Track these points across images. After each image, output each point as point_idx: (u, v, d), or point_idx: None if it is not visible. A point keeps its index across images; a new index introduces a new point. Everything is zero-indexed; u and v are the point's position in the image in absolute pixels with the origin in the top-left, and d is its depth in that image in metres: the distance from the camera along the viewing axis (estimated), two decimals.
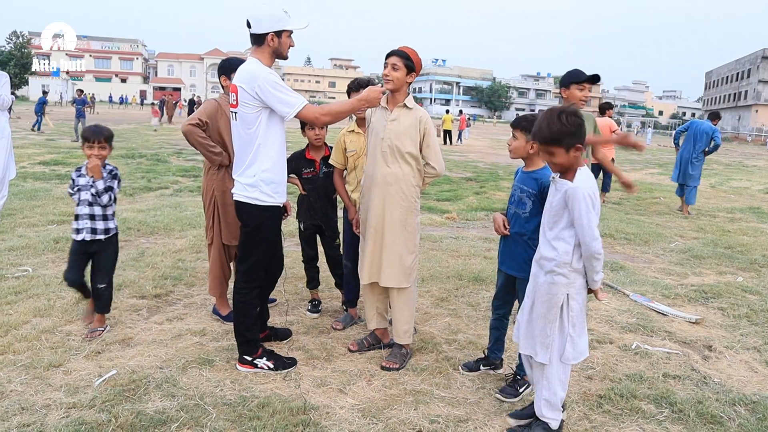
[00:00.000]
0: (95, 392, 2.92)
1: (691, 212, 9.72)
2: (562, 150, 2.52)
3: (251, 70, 3.03)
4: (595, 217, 2.51)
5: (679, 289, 5.24)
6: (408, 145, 3.30)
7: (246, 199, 3.12)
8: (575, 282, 2.62)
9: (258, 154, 3.08)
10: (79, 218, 3.55)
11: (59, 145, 15.71)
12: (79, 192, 3.56)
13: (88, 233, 3.55)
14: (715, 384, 3.42)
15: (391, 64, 3.28)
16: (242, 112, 3.06)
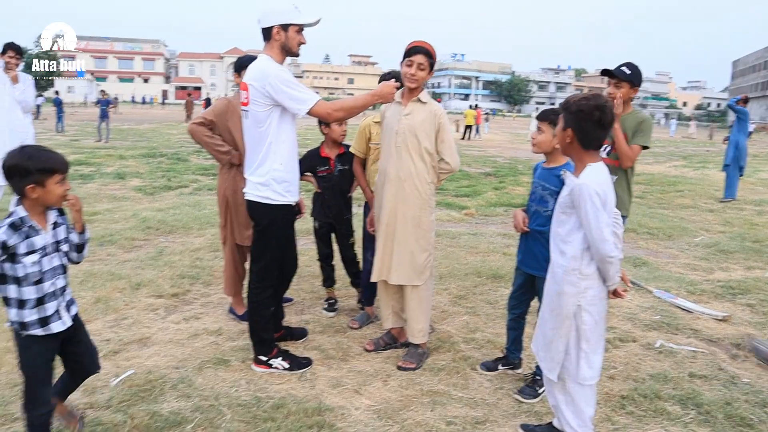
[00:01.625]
0: (112, 392, 2.93)
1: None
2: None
3: (262, 68, 2.99)
4: (604, 216, 2.25)
5: (705, 285, 5.09)
6: (423, 140, 3.24)
7: (257, 198, 3.10)
8: (587, 291, 2.34)
9: (269, 153, 3.04)
10: (46, 300, 2.21)
11: (83, 146, 15.96)
12: (40, 260, 2.17)
13: (66, 316, 2.30)
14: (744, 384, 3.30)
15: (417, 64, 3.19)
16: (253, 110, 3.02)
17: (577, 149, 2.36)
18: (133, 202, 8.04)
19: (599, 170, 2.33)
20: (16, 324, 2.21)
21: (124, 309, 4.05)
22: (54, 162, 2.15)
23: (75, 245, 2.35)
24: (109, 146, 16.10)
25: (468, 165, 14.53)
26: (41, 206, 2.18)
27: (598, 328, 2.39)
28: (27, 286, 2.17)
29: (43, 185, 2.12)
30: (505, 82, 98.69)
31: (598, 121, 2.28)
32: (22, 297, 2.17)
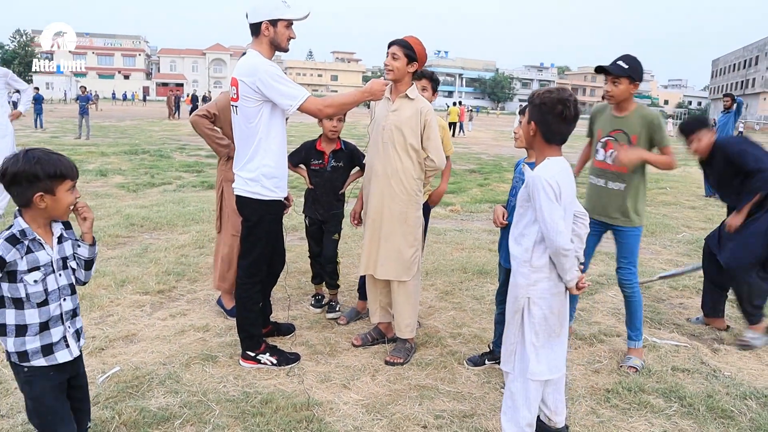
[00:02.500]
0: (99, 389, 2.90)
1: None
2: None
3: (251, 63, 2.98)
4: (558, 208, 2.21)
5: (687, 281, 5.17)
6: (409, 137, 3.25)
7: (247, 193, 3.09)
8: (537, 284, 2.31)
9: (259, 149, 3.04)
10: (51, 325, 1.95)
11: (63, 143, 15.73)
12: (45, 279, 1.91)
13: (74, 345, 2.04)
14: (726, 377, 3.37)
15: (391, 54, 3.25)
16: (243, 105, 3.01)
17: (539, 142, 2.35)
18: (116, 199, 7.95)
19: (556, 163, 2.31)
20: (14, 355, 1.91)
21: (110, 306, 4.01)
22: (65, 167, 1.91)
23: (84, 261, 2.07)
24: (90, 143, 15.89)
25: (453, 162, 14.57)
26: (46, 218, 1.93)
27: (549, 324, 2.33)
28: (29, 308, 1.89)
29: (53, 193, 1.88)
30: (489, 80, 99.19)
31: (560, 115, 2.26)
32: (24, 321, 1.89)
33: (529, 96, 2.45)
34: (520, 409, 2.38)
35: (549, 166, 2.29)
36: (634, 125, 3.32)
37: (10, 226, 1.90)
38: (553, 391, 2.53)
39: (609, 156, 3.41)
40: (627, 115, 3.36)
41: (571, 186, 2.33)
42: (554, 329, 2.35)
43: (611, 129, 3.41)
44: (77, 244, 2.07)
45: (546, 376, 2.37)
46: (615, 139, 3.38)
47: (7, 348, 1.91)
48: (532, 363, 2.33)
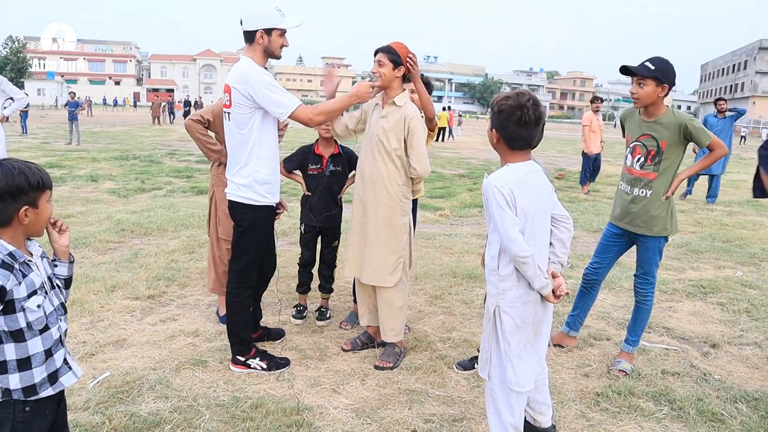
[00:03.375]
0: (89, 394, 2.89)
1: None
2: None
3: (244, 71, 2.99)
4: (510, 216, 2.16)
5: (676, 284, 5.21)
6: (393, 143, 3.26)
7: (239, 198, 3.09)
8: (506, 293, 2.26)
9: (252, 155, 3.05)
10: (54, 350, 1.80)
11: (54, 148, 15.64)
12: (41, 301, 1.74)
13: (76, 365, 1.91)
14: (716, 381, 3.38)
15: (377, 62, 3.28)
16: (236, 112, 3.03)
17: (503, 148, 2.30)
18: (106, 205, 7.91)
19: (514, 169, 2.25)
20: (18, 392, 1.70)
21: (100, 311, 3.99)
22: (44, 175, 1.73)
23: (64, 280, 1.90)
24: (81, 149, 15.80)
25: (442, 167, 14.64)
26: (25, 235, 1.74)
27: (522, 333, 2.28)
28: (32, 338, 1.71)
29: (36, 206, 1.71)
30: (478, 85, 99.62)
31: (519, 120, 2.20)
32: (27, 354, 1.71)
33: (490, 103, 2.42)
34: (504, 415, 2.35)
35: (504, 173, 2.24)
36: (663, 130, 3.19)
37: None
38: (534, 393, 2.50)
39: (636, 162, 3.31)
40: (656, 119, 3.22)
41: (532, 191, 2.25)
42: (529, 339, 2.29)
43: (639, 134, 3.31)
44: (54, 263, 1.89)
45: (525, 387, 2.31)
46: (643, 144, 3.28)
47: (9, 386, 1.70)
48: (509, 373, 2.28)
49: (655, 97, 3.17)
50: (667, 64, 3.15)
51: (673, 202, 3.35)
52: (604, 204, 9.60)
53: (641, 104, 3.24)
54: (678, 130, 3.17)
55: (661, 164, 3.25)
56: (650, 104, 3.21)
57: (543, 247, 2.33)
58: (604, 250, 3.61)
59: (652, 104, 3.21)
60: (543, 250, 2.33)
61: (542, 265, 2.28)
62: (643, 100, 3.19)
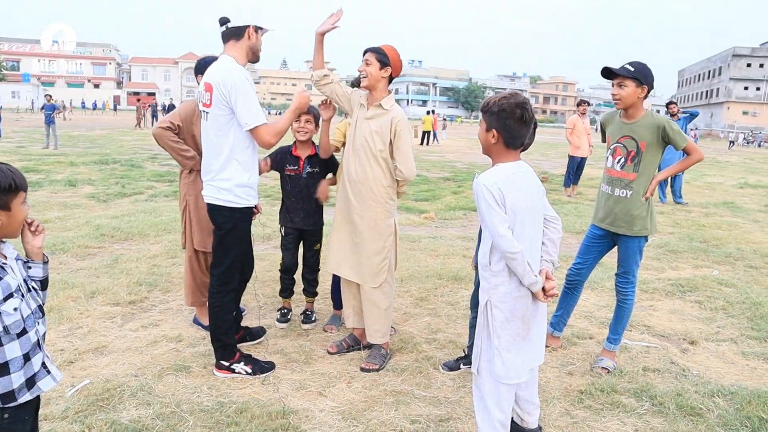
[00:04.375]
0: (68, 403, 2.83)
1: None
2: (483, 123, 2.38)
3: (228, 69, 2.94)
4: (498, 214, 2.21)
5: (656, 284, 5.29)
6: (378, 145, 3.27)
7: (219, 201, 3.06)
8: (497, 288, 2.32)
9: (231, 158, 3.01)
10: (32, 354, 1.76)
11: (30, 153, 15.36)
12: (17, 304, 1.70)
13: (55, 369, 1.87)
14: (694, 376, 3.45)
15: (365, 60, 3.29)
16: (215, 113, 2.97)
17: (500, 149, 2.33)
18: (85, 210, 7.79)
19: (503, 169, 2.31)
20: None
21: (79, 318, 3.92)
22: (17, 177, 1.69)
23: (40, 281, 1.87)
24: (58, 153, 15.54)
25: (427, 170, 14.69)
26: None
27: (511, 327, 2.32)
28: (9, 342, 1.67)
29: (9, 209, 1.67)
30: (462, 89, 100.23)
31: (521, 118, 2.27)
32: (5, 358, 1.67)
33: (482, 105, 2.42)
34: (491, 410, 2.38)
35: (495, 172, 2.30)
36: (642, 132, 3.28)
37: None
38: (524, 391, 2.54)
39: (617, 162, 3.39)
40: (636, 121, 3.31)
41: (521, 190, 2.29)
42: (519, 332, 2.33)
43: (620, 135, 3.39)
44: (27, 265, 1.84)
45: (514, 380, 2.35)
46: (624, 145, 3.36)
47: None
48: (497, 366, 2.32)
49: (636, 98, 3.26)
50: (646, 67, 3.25)
51: (653, 204, 3.42)
52: (586, 206, 9.71)
53: (623, 105, 3.31)
54: (656, 131, 3.25)
55: (640, 165, 3.32)
56: (631, 106, 3.29)
57: (534, 245, 2.36)
58: (586, 251, 3.66)
59: (632, 106, 3.30)
60: (534, 248, 2.36)
61: (533, 262, 2.32)
62: (625, 101, 3.27)
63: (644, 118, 3.30)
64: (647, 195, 3.33)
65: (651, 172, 3.35)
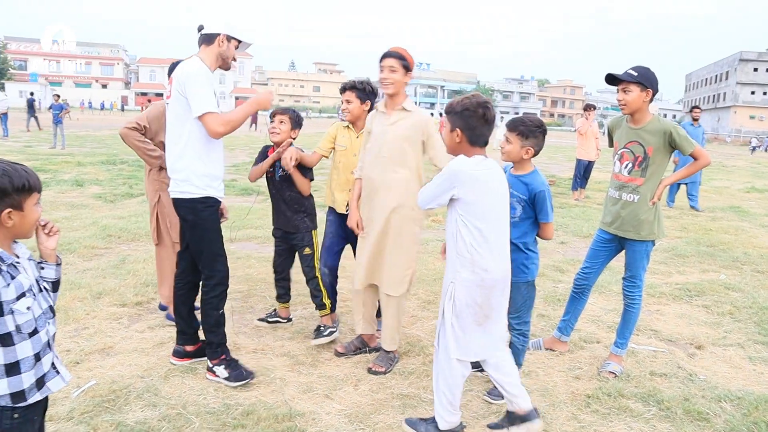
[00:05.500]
0: (73, 404, 2.84)
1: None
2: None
3: (188, 65, 3.04)
4: (443, 187, 2.46)
5: (663, 288, 5.27)
6: (408, 150, 3.21)
7: (179, 194, 3.09)
8: (460, 272, 2.49)
9: (187, 148, 3.04)
10: (42, 354, 1.77)
11: (37, 152, 15.46)
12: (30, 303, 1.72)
13: (65, 369, 1.88)
14: (701, 381, 3.43)
15: (388, 67, 3.22)
16: (173, 104, 3.06)
17: (465, 147, 2.50)
18: (92, 210, 7.82)
19: (476, 161, 2.49)
20: (5, 398, 1.67)
21: (85, 318, 3.93)
22: (32, 178, 1.72)
23: (52, 283, 1.88)
24: (65, 152, 15.63)
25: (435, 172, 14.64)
26: (10, 238, 1.72)
27: (470, 311, 2.50)
28: (21, 341, 1.68)
29: (21, 209, 1.69)
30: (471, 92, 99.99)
31: (483, 117, 2.45)
32: (15, 358, 1.67)
33: (446, 107, 2.59)
34: (440, 384, 2.60)
35: (462, 160, 2.47)
36: (649, 137, 3.28)
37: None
38: (501, 373, 2.64)
39: (624, 168, 3.38)
40: (643, 126, 3.31)
41: (498, 182, 2.52)
42: (476, 318, 2.51)
43: (627, 140, 3.38)
44: (40, 266, 1.86)
45: (464, 358, 2.56)
46: (631, 151, 3.35)
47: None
48: (450, 343, 2.52)
49: (641, 103, 3.27)
50: (649, 71, 3.27)
51: (660, 208, 3.41)
52: (594, 210, 9.68)
53: (629, 110, 3.31)
54: (663, 136, 3.26)
55: (647, 170, 3.32)
56: (637, 110, 3.30)
57: (500, 236, 2.55)
58: (594, 256, 3.64)
59: (639, 111, 3.31)
60: (500, 239, 2.55)
61: (498, 254, 2.52)
62: (630, 106, 3.28)
63: (651, 123, 3.30)
64: (654, 200, 3.32)
65: (658, 177, 3.35)
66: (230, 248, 5.61)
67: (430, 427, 2.69)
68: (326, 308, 3.81)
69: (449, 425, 2.66)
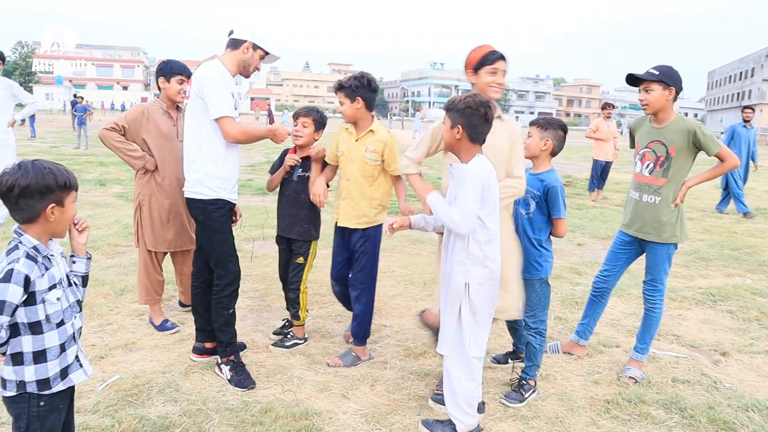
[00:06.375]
0: (99, 397, 2.90)
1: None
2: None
3: (208, 67, 3.08)
4: (476, 203, 2.45)
5: (686, 292, 5.18)
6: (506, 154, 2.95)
7: (192, 194, 3.13)
8: (473, 271, 2.53)
9: (202, 150, 3.08)
10: (67, 345, 1.86)
11: (62, 153, 15.76)
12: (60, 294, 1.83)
13: (87, 363, 1.98)
14: (726, 389, 3.36)
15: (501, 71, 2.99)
16: (191, 104, 3.11)
17: (465, 144, 2.54)
18: (114, 209, 7.95)
19: (484, 160, 2.54)
20: (32, 384, 1.77)
21: (109, 314, 4.01)
22: (72, 177, 1.83)
23: (82, 277, 1.99)
24: (89, 153, 15.91)
25: None
26: (49, 233, 1.83)
27: (484, 306, 2.57)
28: (49, 330, 1.78)
29: (63, 204, 1.80)
30: None
31: (485, 116, 2.50)
32: (43, 346, 1.78)
33: (446, 104, 2.62)
34: (457, 389, 2.61)
35: (480, 164, 2.51)
36: (672, 137, 3.21)
37: (15, 246, 1.76)
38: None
39: (645, 168, 3.33)
40: (666, 125, 3.25)
41: (494, 181, 2.55)
42: (490, 311, 2.62)
43: (649, 140, 3.33)
44: (72, 260, 1.97)
45: (483, 355, 2.63)
46: (653, 150, 3.30)
47: (25, 378, 1.76)
48: (471, 342, 2.57)
49: (664, 101, 3.21)
50: (671, 69, 3.21)
51: (683, 210, 3.34)
52: (612, 211, 9.56)
53: (651, 110, 3.27)
54: (687, 136, 3.19)
55: (669, 170, 3.26)
56: (660, 110, 3.25)
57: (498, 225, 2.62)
58: (614, 258, 3.60)
59: (662, 110, 3.25)
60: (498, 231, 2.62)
61: (497, 246, 2.59)
62: (653, 105, 3.24)
63: (675, 123, 3.24)
64: (677, 201, 3.27)
65: (681, 178, 3.28)
66: (245, 248, 5.67)
67: (447, 429, 2.69)
68: (300, 320, 3.70)
69: (468, 428, 2.65)
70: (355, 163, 3.38)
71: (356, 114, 3.36)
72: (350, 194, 3.41)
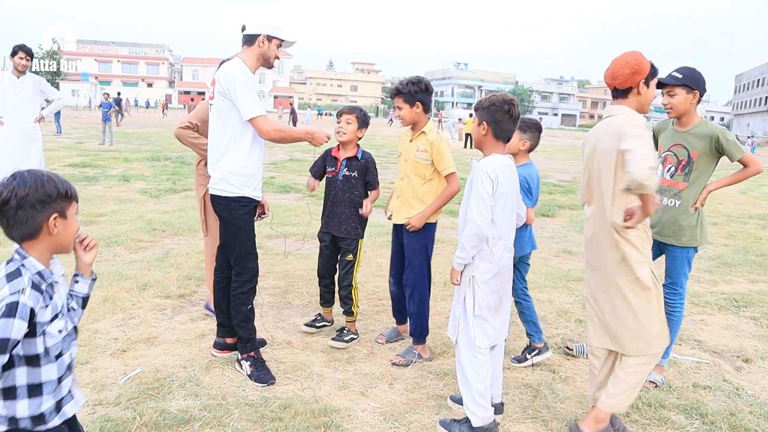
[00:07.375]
0: (120, 390, 2.95)
1: None
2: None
3: (231, 67, 3.11)
4: (488, 201, 2.56)
5: (708, 297, 5.10)
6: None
7: (216, 191, 3.17)
8: (479, 265, 2.66)
9: (229, 148, 3.12)
10: (64, 377, 1.69)
11: (87, 148, 16.03)
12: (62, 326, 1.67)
13: (79, 393, 1.80)
14: (749, 396, 3.31)
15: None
16: (217, 104, 3.14)
17: (490, 140, 2.68)
18: (138, 204, 8.08)
19: (498, 158, 2.67)
20: (25, 421, 1.59)
21: (132, 309, 4.08)
22: (70, 186, 1.64)
23: (82, 298, 1.81)
24: (113, 149, 16.17)
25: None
26: (52, 251, 1.65)
27: (491, 297, 2.67)
28: (47, 364, 1.61)
29: (65, 216, 1.62)
30: (509, 92, 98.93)
31: (508, 112, 2.63)
32: (39, 380, 1.60)
33: (476, 104, 2.80)
34: (471, 381, 2.68)
35: (492, 161, 2.64)
36: (695, 141, 3.19)
37: (16, 270, 1.55)
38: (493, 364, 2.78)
39: (667, 171, 3.30)
40: (689, 129, 3.23)
41: (510, 178, 2.67)
42: (494, 306, 2.70)
43: (671, 144, 3.31)
44: (75, 279, 1.80)
45: (494, 342, 2.73)
46: (675, 154, 3.28)
47: (17, 414, 1.58)
48: (478, 335, 2.67)
49: (688, 105, 3.20)
50: (695, 72, 3.19)
51: (703, 214, 3.30)
52: None
53: (675, 113, 3.24)
54: (710, 141, 3.17)
55: (691, 174, 3.24)
56: (684, 113, 3.22)
57: (510, 228, 2.74)
58: None
59: (686, 113, 3.23)
60: (510, 231, 2.74)
61: (508, 244, 2.71)
62: (677, 109, 3.22)
63: (698, 127, 3.22)
64: (697, 205, 3.23)
65: (702, 182, 3.25)
66: (267, 245, 5.73)
67: (464, 427, 2.71)
68: (353, 315, 3.82)
69: (483, 421, 2.68)
70: (409, 163, 3.51)
71: (415, 117, 3.48)
72: (403, 192, 3.56)
